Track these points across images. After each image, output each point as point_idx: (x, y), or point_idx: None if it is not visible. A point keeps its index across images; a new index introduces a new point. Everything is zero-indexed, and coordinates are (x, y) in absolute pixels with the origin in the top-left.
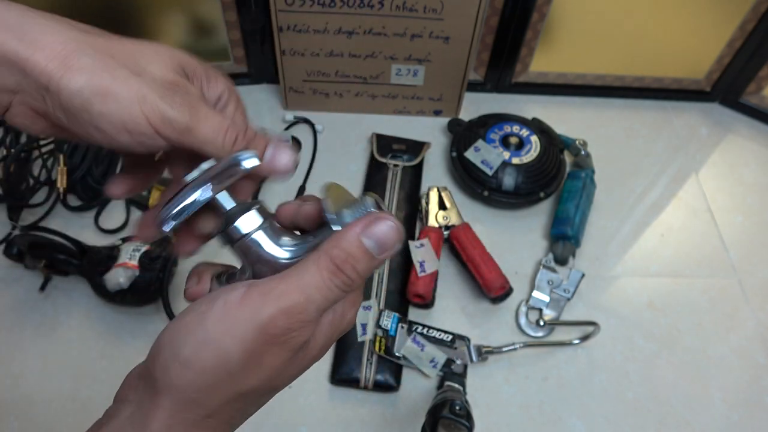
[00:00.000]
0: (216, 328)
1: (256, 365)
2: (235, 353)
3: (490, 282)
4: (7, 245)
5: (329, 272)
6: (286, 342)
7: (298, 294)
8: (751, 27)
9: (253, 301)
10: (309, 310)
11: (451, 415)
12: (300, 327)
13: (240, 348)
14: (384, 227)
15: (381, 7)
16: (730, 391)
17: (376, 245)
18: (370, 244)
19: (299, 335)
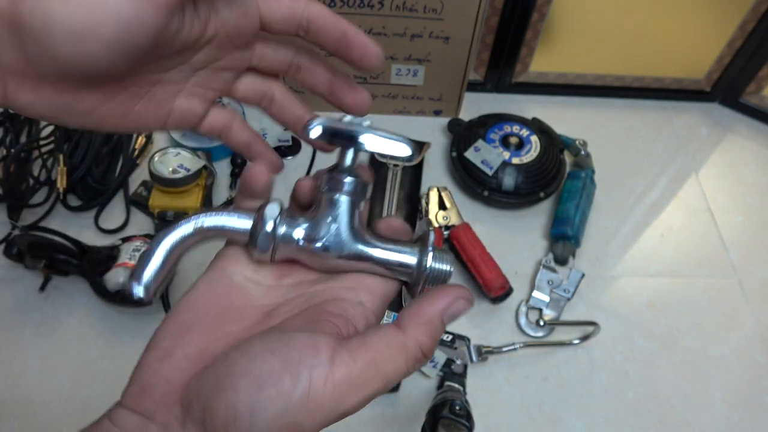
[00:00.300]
0: (299, 412)
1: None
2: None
3: (490, 282)
4: (7, 245)
5: (414, 360)
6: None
7: (381, 382)
8: (751, 27)
9: (341, 389)
10: (381, 390)
11: (451, 415)
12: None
13: (317, 430)
14: (462, 306)
15: (381, 7)
16: (730, 391)
17: (449, 320)
18: (447, 321)
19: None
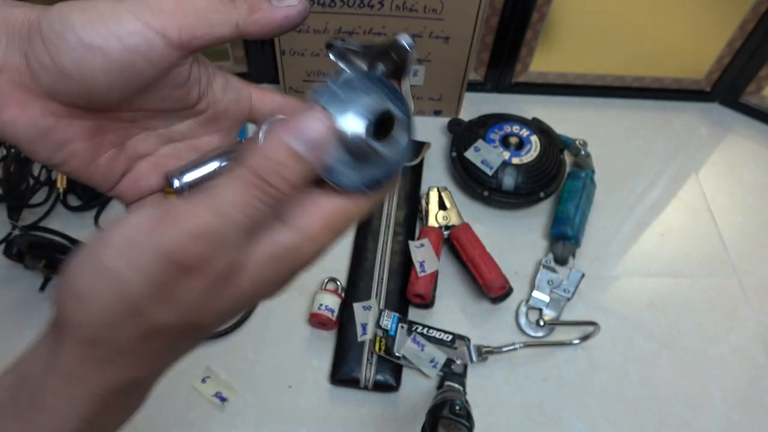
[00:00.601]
0: (115, 257)
1: (167, 299)
2: (138, 286)
3: (490, 282)
4: (7, 245)
5: (250, 185)
6: (201, 272)
7: (211, 214)
8: (751, 27)
9: (160, 226)
10: (227, 232)
11: (451, 415)
12: (216, 254)
13: (144, 280)
14: (310, 122)
15: (381, 7)
16: (730, 391)
17: (305, 145)
18: (299, 146)
19: (217, 263)
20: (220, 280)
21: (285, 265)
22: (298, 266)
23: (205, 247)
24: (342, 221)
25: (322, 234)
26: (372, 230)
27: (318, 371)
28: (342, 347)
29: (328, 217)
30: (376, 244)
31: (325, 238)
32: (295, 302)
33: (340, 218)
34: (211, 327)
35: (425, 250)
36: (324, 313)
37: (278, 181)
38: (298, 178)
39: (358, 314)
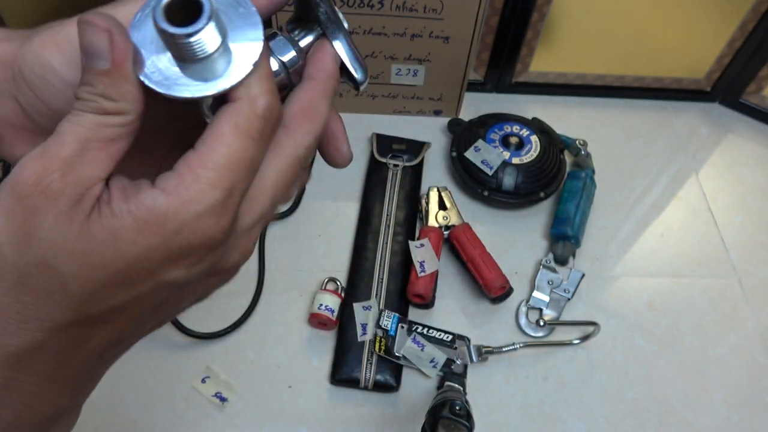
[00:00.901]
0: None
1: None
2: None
3: (490, 282)
4: None
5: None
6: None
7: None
8: (752, 27)
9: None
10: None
11: (451, 415)
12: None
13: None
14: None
15: (381, 7)
16: (730, 391)
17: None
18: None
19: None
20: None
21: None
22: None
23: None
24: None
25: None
26: (372, 230)
27: (318, 371)
28: (342, 347)
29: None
30: (376, 244)
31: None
32: (295, 302)
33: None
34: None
35: (425, 250)
36: (324, 313)
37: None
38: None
39: (358, 314)
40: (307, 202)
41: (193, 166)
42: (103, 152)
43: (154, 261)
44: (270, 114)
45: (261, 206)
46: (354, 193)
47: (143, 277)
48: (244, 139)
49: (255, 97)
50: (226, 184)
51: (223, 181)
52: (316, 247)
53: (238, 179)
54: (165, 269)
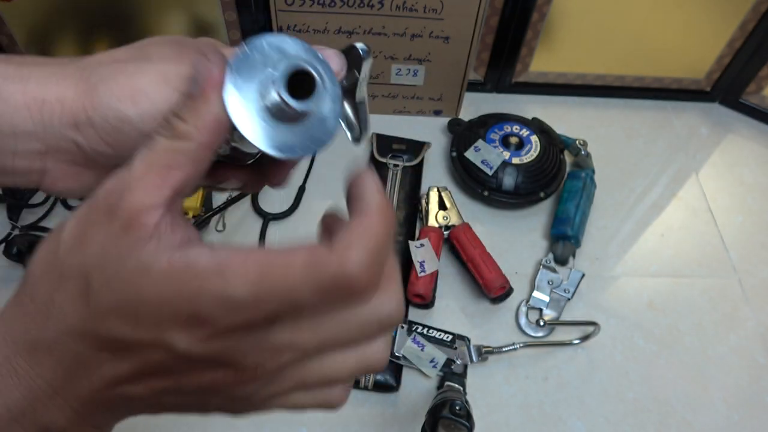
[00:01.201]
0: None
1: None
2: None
3: (490, 282)
4: (7, 245)
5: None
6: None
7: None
8: (752, 27)
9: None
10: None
11: (451, 415)
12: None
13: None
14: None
15: (381, 7)
16: (730, 391)
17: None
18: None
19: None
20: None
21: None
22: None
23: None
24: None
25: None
26: None
27: None
28: None
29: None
30: None
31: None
32: None
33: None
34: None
35: (425, 250)
36: None
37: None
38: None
39: None
40: (307, 202)
41: (251, 256)
42: (161, 179)
43: (164, 312)
44: (352, 286)
45: (302, 339)
46: None
47: (150, 323)
48: (308, 288)
49: (347, 261)
50: (261, 292)
51: (260, 288)
52: None
53: (275, 300)
54: (171, 327)
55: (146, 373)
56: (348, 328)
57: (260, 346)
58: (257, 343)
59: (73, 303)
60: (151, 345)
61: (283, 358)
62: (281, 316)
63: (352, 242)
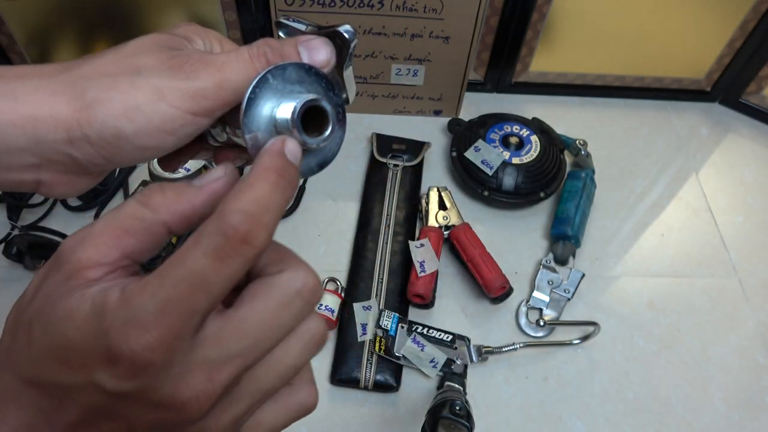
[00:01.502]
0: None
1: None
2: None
3: (490, 282)
4: (7, 245)
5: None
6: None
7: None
8: (752, 26)
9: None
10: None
11: (451, 415)
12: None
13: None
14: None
15: (381, 6)
16: (730, 391)
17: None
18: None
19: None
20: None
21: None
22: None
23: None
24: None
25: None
26: (372, 230)
27: (318, 371)
28: (342, 347)
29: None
30: (376, 244)
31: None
32: None
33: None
34: None
35: (425, 250)
36: (324, 313)
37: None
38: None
39: (358, 314)
40: (307, 202)
41: (153, 273)
42: (114, 240)
43: (87, 353)
44: (239, 233)
45: (231, 345)
46: (354, 193)
47: (78, 365)
48: (202, 257)
49: (226, 212)
50: (163, 297)
51: (161, 294)
52: (316, 247)
53: (181, 296)
54: (96, 367)
55: (93, 418)
56: (272, 313)
57: (190, 369)
58: (185, 366)
59: (21, 351)
60: (85, 387)
61: (222, 374)
62: (196, 308)
63: (230, 198)
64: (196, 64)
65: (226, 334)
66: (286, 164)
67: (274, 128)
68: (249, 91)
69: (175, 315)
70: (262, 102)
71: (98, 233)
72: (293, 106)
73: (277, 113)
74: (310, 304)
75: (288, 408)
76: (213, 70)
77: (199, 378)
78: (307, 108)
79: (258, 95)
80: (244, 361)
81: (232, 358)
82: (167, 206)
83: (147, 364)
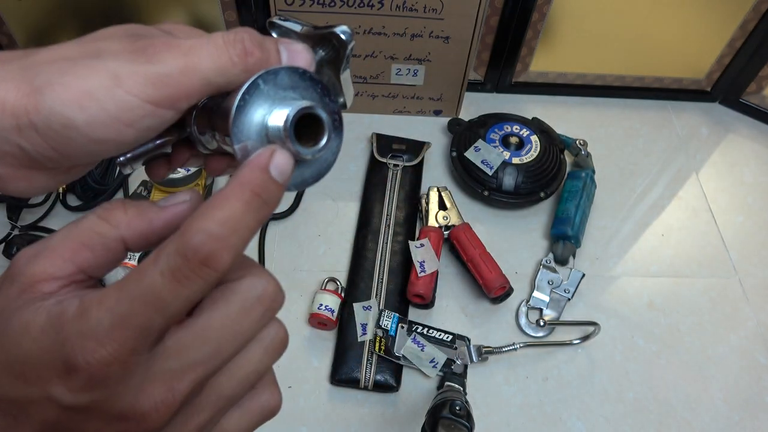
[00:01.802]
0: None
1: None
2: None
3: (490, 282)
4: (7, 245)
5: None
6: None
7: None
8: (752, 26)
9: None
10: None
11: (451, 415)
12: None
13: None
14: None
15: (381, 6)
16: (730, 391)
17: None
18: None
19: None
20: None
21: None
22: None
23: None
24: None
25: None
26: (372, 230)
27: (318, 371)
28: (342, 347)
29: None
30: (376, 244)
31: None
32: (295, 302)
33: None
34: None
35: (425, 250)
36: (324, 313)
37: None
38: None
39: (358, 314)
40: (307, 202)
41: (111, 287)
42: (71, 253)
43: (43, 365)
44: (199, 255)
45: (191, 354)
46: (354, 193)
47: (34, 378)
48: (159, 276)
49: (189, 231)
50: (118, 312)
51: (117, 309)
52: (316, 247)
53: (136, 312)
54: (51, 380)
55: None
56: (233, 320)
57: (150, 380)
58: (145, 377)
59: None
60: (41, 402)
61: (183, 384)
62: (150, 325)
63: (196, 216)
64: (160, 47)
65: (187, 343)
66: (266, 180)
67: (265, 137)
68: (238, 97)
69: (130, 330)
70: (252, 109)
71: (54, 246)
72: (286, 113)
73: (268, 121)
74: (271, 310)
75: (252, 412)
76: (178, 54)
77: (158, 388)
78: (301, 116)
79: (248, 102)
80: (205, 370)
81: (193, 367)
82: (127, 223)
83: (103, 377)
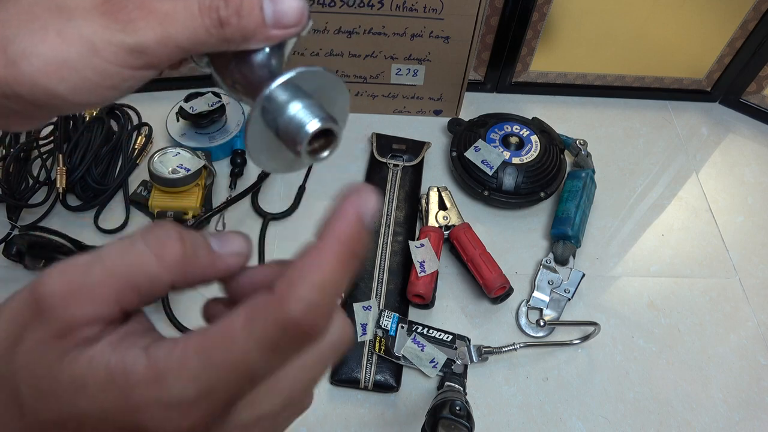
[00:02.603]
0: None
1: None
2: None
3: (490, 282)
4: (7, 245)
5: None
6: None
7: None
8: (752, 26)
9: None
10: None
11: (451, 415)
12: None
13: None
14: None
15: (381, 6)
16: (730, 392)
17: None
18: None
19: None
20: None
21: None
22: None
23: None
24: None
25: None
26: (372, 230)
27: None
28: None
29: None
30: (376, 244)
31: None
32: None
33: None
34: None
35: (425, 250)
36: None
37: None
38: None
39: (358, 314)
40: (307, 202)
41: (189, 345)
42: (115, 295)
43: (109, 426)
44: (301, 328)
45: (264, 407)
46: None
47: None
48: (255, 348)
49: (289, 300)
50: (207, 384)
51: (205, 379)
52: None
53: (226, 384)
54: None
55: None
56: (308, 370)
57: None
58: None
59: (7, 411)
60: None
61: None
62: (238, 394)
63: (294, 280)
64: (134, 12)
65: (260, 397)
66: (361, 232)
67: (278, 124)
68: (277, 83)
69: (219, 401)
70: (285, 98)
71: (97, 285)
72: (317, 123)
73: (293, 117)
74: (342, 352)
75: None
76: (154, 22)
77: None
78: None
79: (280, 94)
80: (275, 416)
81: (265, 417)
82: (182, 269)
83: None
